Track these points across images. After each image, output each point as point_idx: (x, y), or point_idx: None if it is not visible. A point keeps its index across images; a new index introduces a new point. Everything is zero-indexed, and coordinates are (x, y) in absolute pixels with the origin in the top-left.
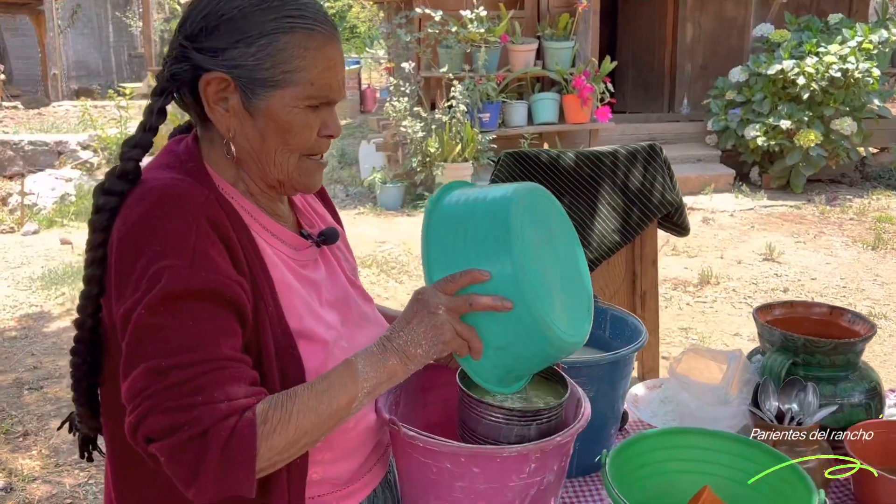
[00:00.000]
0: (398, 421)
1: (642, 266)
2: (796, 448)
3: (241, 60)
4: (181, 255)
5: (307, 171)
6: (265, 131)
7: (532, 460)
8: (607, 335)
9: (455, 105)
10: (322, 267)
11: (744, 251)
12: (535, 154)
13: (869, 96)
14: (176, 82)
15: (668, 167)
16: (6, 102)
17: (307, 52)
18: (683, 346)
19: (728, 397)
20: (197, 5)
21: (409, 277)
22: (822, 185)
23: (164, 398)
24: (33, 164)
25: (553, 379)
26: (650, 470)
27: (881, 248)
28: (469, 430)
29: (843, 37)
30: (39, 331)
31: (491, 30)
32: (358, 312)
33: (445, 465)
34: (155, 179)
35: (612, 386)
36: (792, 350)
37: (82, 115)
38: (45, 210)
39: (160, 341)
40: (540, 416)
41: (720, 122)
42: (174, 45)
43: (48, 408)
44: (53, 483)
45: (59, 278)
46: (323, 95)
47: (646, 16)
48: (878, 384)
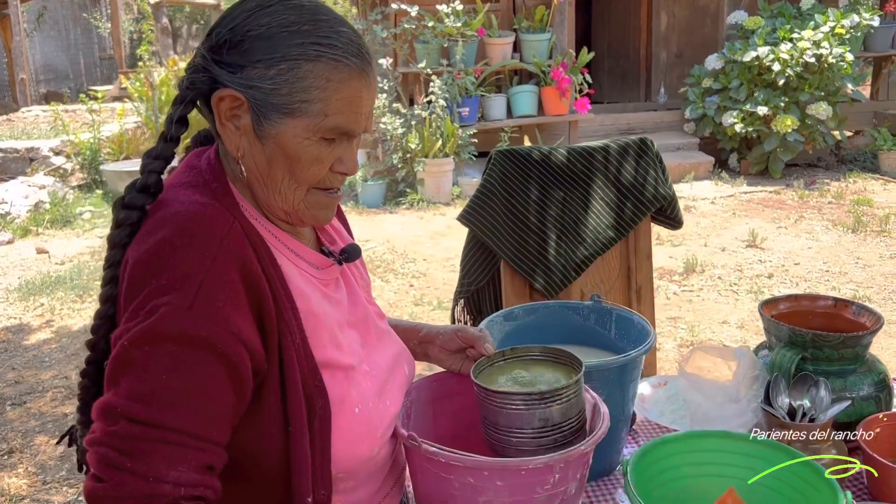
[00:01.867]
0: (417, 437)
1: (637, 261)
2: (811, 446)
3: (258, 82)
4: (183, 296)
5: (315, 204)
6: (273, 158)
7: (556, 471)
8: (613, 336)
9: (434, 100)
10: (343, 286)
11: (727, 238)
12: (527, 151)
13: (843, 80)
14: (193, 91)
15: (659, 161)
16: None
17: (328, 84)
18: (673, 337)
19: (738, 395)
20: (227, 16)
21: (395, 276)
22: (800, 170)
23: (104, 442)
24: (4, 172)
25: (562, 361)
26: (670, 475)
27: (861, 230)
28: (492, 425)
29: (815, 22)
30: (19, 344)
31: (467, 24)
32: (375, 331)
33: (468, 480)
34: (177, 202)
35: (622, 389)
36: (800, 345)
37: (53, 119)
38: (19, 219)
39: (129, 379)
40: (559, 395)
41: (697, 109)
42: (197, 53)
43: (32, 423)
44: (42, 502)
45: (36, 289)
46: (338, 130)
47: (620, 5)
48: (886, 375)
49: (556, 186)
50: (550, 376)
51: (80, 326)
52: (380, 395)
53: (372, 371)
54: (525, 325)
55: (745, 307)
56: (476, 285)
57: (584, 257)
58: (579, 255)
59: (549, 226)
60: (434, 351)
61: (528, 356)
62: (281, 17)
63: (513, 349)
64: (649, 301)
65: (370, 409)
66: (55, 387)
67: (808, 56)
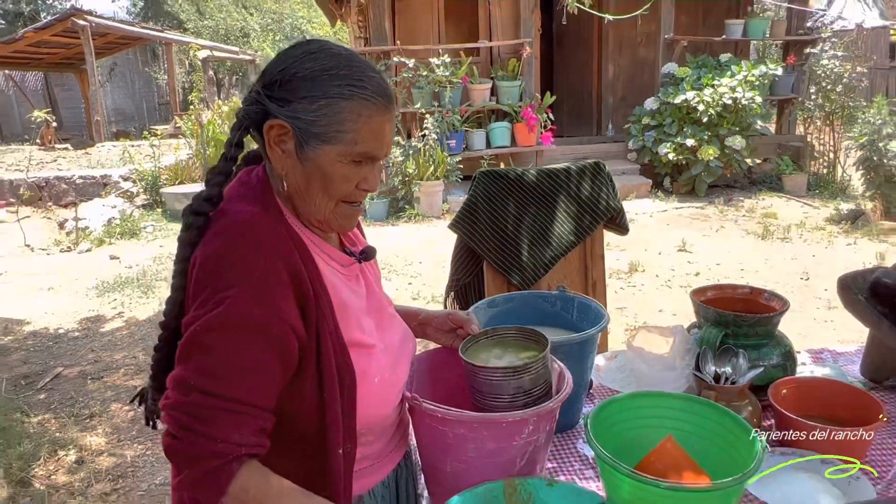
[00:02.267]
0: (419, 398)
1: (592, 260)
2: (732, 403)
3: (303, 114)
4: (245, 290)
5: (342, 215)
6: (310, 177)
7: (530, 423)
8: (574, 319)
9: (427, 134)
10: (362, 280)
11: (662, 245)
12: (505, 172)
13: (754, 118)
14: (248, 120)
15: (610, 180)
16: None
17: (360, 119)
18: (621, 322)
19: (674, 364)
20: (278, 60)
21: (397, 275)
22: (720, 190)
23: (179, 408)
24: (84, 195)
25: (533, 339)
26: (621, 427)
27: (768, 237)
28: (477, 391)
29: (732, 72)
30: (97, 331)
31: (454, 73)
32: (388, 316)
33: (460, 431)
34: (236, 212)
35: (582, 360)
36: (723, 324)
37: (122, 153)
38: (96, 232)
39: (201, 358)
40: (529, 368)
41: (638, 142)
42: (252, 89)
43: (108, 394)
44: (117, 455)
45: (110, 287)
46: (365, 155)
47: (576, 59)
48: (790, 348)
49: (527, 201)
50: (523, 353)
51: (145, 317)
52: (393, 368)
53: (387, 349)
54: (504, 311)
55: (677, 299)
56: (463, 281)
57: (550, 258)
58: (547, 255)
59: (522, 233)
60: (430, 331)
61: (506, 335)
62: (322, 62)
63: (494, 329)
64: (602, 292)
65: (386, 379)
66: (126, 364)
67: (726, 99)
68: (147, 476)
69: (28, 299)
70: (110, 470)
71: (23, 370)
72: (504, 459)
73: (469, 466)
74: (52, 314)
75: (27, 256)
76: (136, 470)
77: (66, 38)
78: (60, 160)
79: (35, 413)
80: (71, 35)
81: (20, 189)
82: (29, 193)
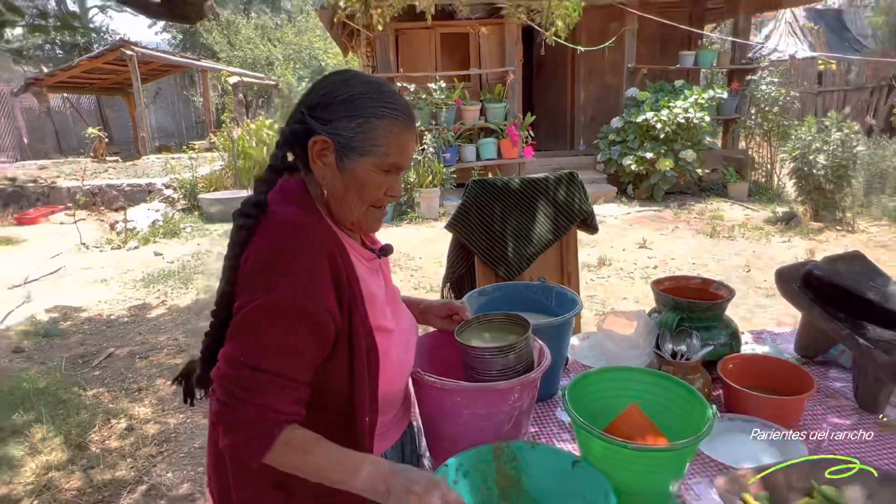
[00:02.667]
0: (422, 372)
1: (567, 255)
2: (688, 376)
3: (343, 131)
4: (295, 280)
5: (372, 217)
6: (348, 185)
7: (516, 391)
8: (553, 305)
9: (426, 148)
10: (380, 274)
11: (626, 242)
12: (493, 181)
13: (703, 135)
14: (293, 137)
15: (583, 187)
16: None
17: (390, 134)
18: (592, 309)
19: (638, 344)
20: (319, 85)
21: (400, 269)
22: (675, 196)
23: (229, 381)
24: (132, 200)
25: (517, 323)
26: (593, 396)
27: (715, 236)
28: (469, 368)
29: (685, 95)
30: (143, 317)
31: (449, 96)
32: (400, 305)
33: (457, 399)
34: (284, 213)
35: (560, 340)
36: (679, 309)
37: (164, 164)
38: (142, 232)
39: (250, 337)
40: (513, 348)
41: (605, 155)
42: (297, 111)
43: (154, 370)
44: (161, 423)
45: (154, 279)
46: (394, 165)
47: (553, 84)
48: (736, 330)
49: (512, 205)
50: (509, 334)
51: (185, 304)
52: (406, 350)
53: (401, 333)
54: (493, 299)
55: (639, 288)
56: (458, 273)
57: (531, 253)
58: (529, 251)
59: (508, 232)
60: (430, 317)
61: (495, 320)
62: (358, 88)
63: (485, 315)
64: (576, 283)
65: (401, 359)
66: (168, 345)
67: (680, 118)
68: (188, 440)
69: (84, 290)
70: (156, 435)
71: (80, 350)
72: (494, 423)
73: (465, 429)
74: (105, 302)
75: (83, 253)
76: (178, 435)
77: (116, 65)
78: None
79: (90, 387)
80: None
81: (77, 195)
82: (84, 199)
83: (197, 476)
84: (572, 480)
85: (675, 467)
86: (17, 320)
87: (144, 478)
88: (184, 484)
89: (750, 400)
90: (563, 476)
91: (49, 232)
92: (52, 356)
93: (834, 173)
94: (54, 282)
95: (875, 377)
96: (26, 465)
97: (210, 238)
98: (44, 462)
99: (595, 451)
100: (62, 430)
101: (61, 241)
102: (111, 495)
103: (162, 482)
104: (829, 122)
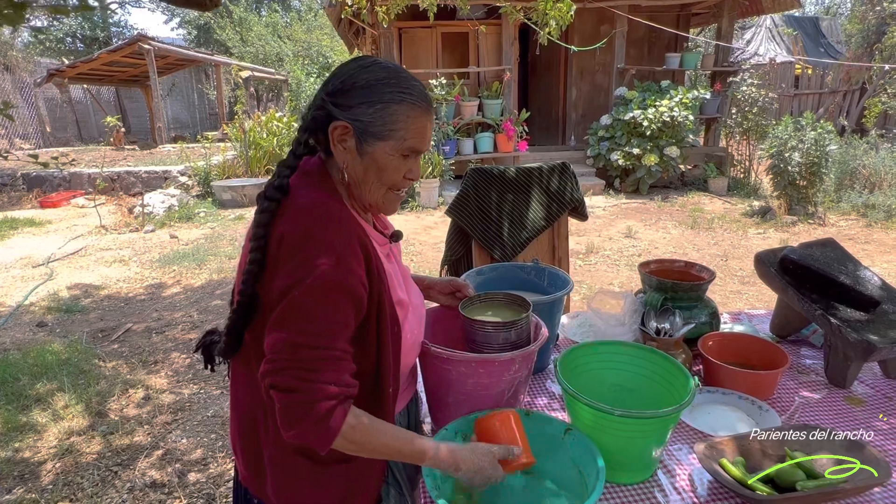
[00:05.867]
0: (429, 343)
1: (559, 241)
2: (669, 351)
3: (362, 116)
4: (330, 258)
5: (390, 200)
6: (368, 168)
7: (516, 363)
8: (546, 285)
9: None
10: (392, 257)
11: (612, 232)
12: (490, 169)
13: (687, 133)
14: (315, 122)
15: (574, 177)
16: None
17: (409, 119)
18: (580, 293)
19: (624, 321)
20: (339, 72)
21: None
22: (659, 189)
23: (291, 366)
24: (149, 186)
25: (517, 301)
26: (582, 369)
27: (696, 227)
28: (472, 342)
29: (670, 95)
30: (159, 295)
31: (449, 92)
32: (410, 282)
33: (461, 370)
34: (308, 196)
35: (552, 317)
36: (664, 290)
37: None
38: (158, 216)
39: (303, 319)
40: (514, 324)
41: (595, 150)
42: (318, 97)
43: (169, 345)
44: (176, 393)
45: (170, 260)
46: (412, 149)
47: (546, 83)
48: (715, 310)
49: (508, 192)
50: (508, 312)
51: (199, 284)
52: (419, 325)
53: (415, 309)
54: (490, 279)
55: (624, 274)
56: (456, 256)
57: (525, 238)
58: (523, 236)
59: (503, 217)
60: (434, 294)
61: (495, 299)
62: (376, 74)
63: (486, 293)
64: (567, 266)
65: (416, 332)
66: (183, 322)
67: (665, 117)
68: (201, 409)
69: (104, 269)
70: (171, 405)
71: (100, 325)
72: (495, 392)
73: (467, 397)
74: (123, 281)
75: (102, 235)
76: (192, 405)
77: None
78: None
79: (110, 359)
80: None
81: (97, 181)
82: (104, 184)
83: (210, 442)
84: (564, 446)
85: (659, 434)
86: (41, 297)
87: (160, 443)
88: (197, 449)
89: (728, 374)
90: (556, 442)
91: (71, 215)
92: (74, 330)
93: (807, 170)
94: (75, 261)
95: (844, 354)
96: (49, 431)
97: (222, 222)
98: (66, 428)
99: (584, 418)
100: (83, 398)
101: (82, 223)
102: (129, 459)
103: (177, 447)
104: (805, 122)
